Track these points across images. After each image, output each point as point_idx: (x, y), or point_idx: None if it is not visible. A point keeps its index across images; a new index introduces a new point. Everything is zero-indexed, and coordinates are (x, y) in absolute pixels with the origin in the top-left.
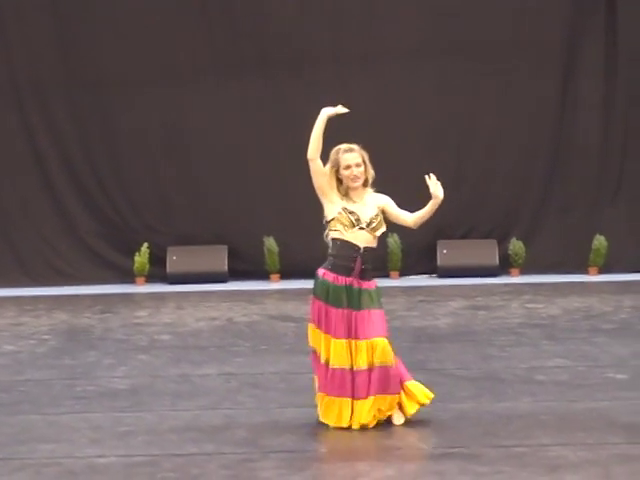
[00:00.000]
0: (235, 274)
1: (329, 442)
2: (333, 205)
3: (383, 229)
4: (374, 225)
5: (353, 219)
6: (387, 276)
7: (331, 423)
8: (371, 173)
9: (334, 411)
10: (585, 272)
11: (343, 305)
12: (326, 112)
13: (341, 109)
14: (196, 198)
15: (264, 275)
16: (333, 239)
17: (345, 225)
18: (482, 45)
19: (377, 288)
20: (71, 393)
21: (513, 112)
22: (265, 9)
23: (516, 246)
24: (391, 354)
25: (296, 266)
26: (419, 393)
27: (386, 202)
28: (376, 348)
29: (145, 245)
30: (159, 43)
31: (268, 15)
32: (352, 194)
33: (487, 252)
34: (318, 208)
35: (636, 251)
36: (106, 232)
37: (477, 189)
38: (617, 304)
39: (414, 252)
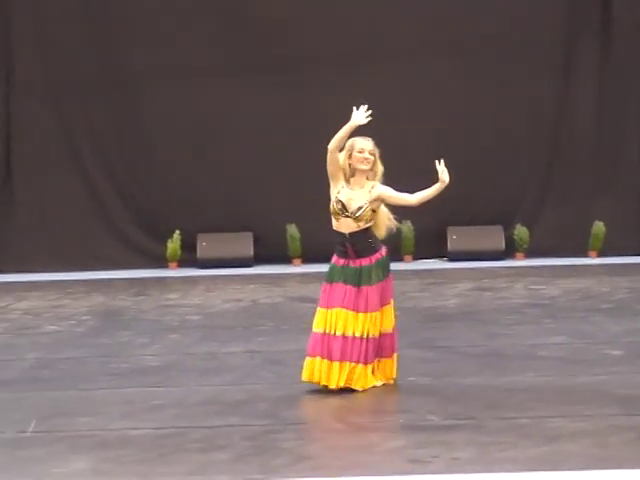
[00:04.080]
0: (260, 259)
1: (338, 415)
2: (333, 194)
3: (368, 221)
4: (358, 215)
5: (338, 208)
6: (401, 260)
7: (305, 378)
8: (380, 169)
9: (308, 368)
10: (585, 256)
11: (334, 280)
12: (357, 122)
13: (363, 120)
14: (224, 189)
15: (287, 260)
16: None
17: (333, 214)
18: (483, 45)
19: (377, 262)
20: (106, 370)
21: (514, 108)
22: (273, 12)
23: (521, 231)
24: (369, 328)
25: (316, 251)
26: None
27: (381, 191)
28: (357, 320)
29: (177, 232)
30: (174, 43)
31: (277, 17)
32: (353, 181)
33: (494, 237)
34: None
35: (631, 236)
36: (141, 221)
37: (483, 180)
38: (614, 285)
39: (426, 238)
